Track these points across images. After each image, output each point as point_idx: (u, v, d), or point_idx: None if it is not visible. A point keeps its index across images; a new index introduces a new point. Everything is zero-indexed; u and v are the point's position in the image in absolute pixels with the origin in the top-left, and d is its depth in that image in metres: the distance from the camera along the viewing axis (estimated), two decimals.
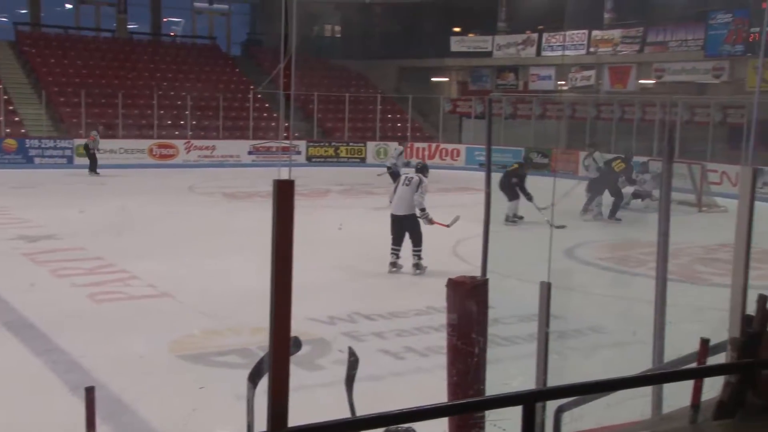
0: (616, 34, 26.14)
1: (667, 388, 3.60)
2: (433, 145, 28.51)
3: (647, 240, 4.66)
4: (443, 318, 4.04)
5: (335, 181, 22.18)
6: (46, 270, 10.35)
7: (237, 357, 6.99)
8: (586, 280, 10.28)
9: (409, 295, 9.43)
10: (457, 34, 31.38)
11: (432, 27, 30.85)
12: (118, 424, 5.60)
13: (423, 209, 10.67)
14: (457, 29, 31.50)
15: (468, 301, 3.41)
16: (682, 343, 3.68)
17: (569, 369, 5.70)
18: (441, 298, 4.11)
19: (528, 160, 15.50)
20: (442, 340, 3.98)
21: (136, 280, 9.84)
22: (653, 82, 25.13)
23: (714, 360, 2.97)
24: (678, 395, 3.16)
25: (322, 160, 27.60)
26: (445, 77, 32.87)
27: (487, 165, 4.48)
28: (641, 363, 4.10)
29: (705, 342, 2.86)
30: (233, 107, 28.53)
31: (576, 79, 27.65)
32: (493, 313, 5.19)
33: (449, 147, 28.26)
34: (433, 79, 32.71)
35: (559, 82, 28.60)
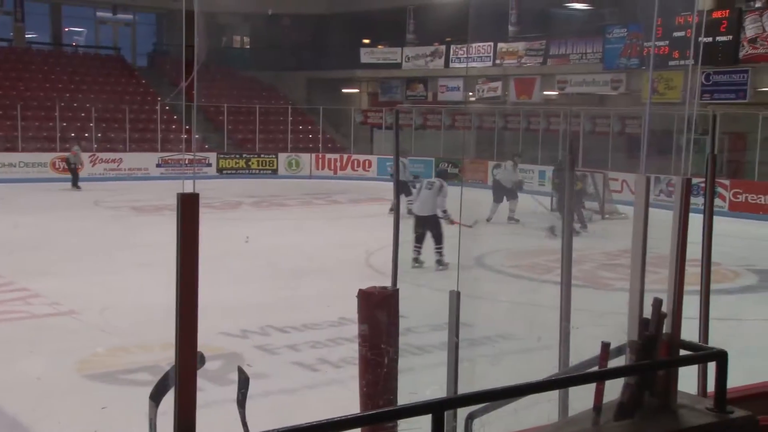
0: (521, 46, 26.85)
1: (572, 392, 3.72)
2: (345, 156, 28.59)
3: (555, 247, 4.83)
4: (356, 329, 4.06)
5: (247, 193, 21.95)
6: None
7: (146, 374, 6.81)
8: (495, 287, 10.49)
9: (321, 306, 9.41)
10: (366, 45, 31.59)
11: (341, 39, 30.96)
12: None
13: (445, 210, 11.45)
14: (366, 41, 31.72)
15: (378, 311, 3.43)
16: (585, 347, 3.81)
17: (479, 376, 5.80)
18: (354, 309, 4.13)
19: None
20: (357, 351, 4.00)
21: (37, 298, 9.47)
22: (557, 93, 25.92)
23: (615, 363, 3.08)
24: (582, 398, 3.27)
25: (234, 171, 27.25)
26: (355, 88, 33.03)
27: (395, 176, 4.53)
28: (548, 368, 4.21)
29: (606, 345, 2.96)
30: (140, 119, 27.87)
31: (483, 90, 28.25)
32: (405, 323, 5.24)
33: (361, 158, 28.38)
34: (344, 90, 32.82)
35: (468, 93, 29.15)
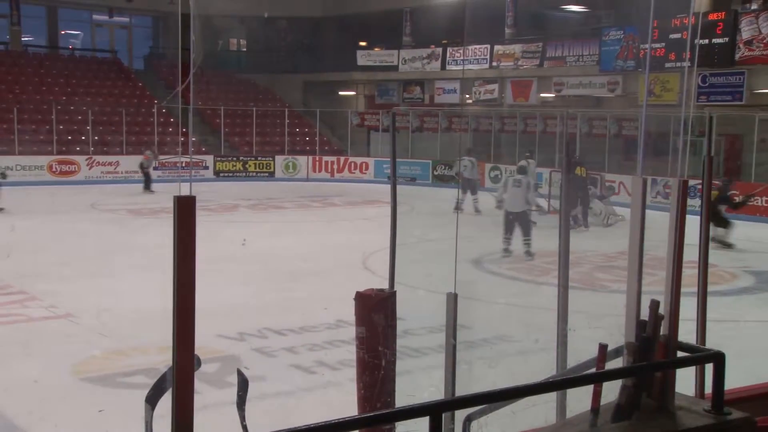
0: (517, 48, 26.88)
1: (570, 394, 3.72)
2: (342, 158, 28.59)
3: (553, 249, 4.82)
4: (354, 331, 4.06)
5: (243, 196, 21.94)
6: None
7: (143, 377, 6.80)
8: (493, 289, 10.50)
9: (318, 309, 9.40)
10: (362, 48, 31.60)
11: (337, 41, 30.98)
12: None
13: (538, 205, 13.00)
14: (362, 43, 31.74)
15: (375, 314, 3.43)
16: (583, 349, 3.81)
17: (477, 378, 5.80)
18: (351, 311, 4.14)
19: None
20: (354, 353, 4.00)
21: (34, 301, 9.46)
22: (553, 95, 25.95)
23: (612, 365, 3.09)
24: (580, 400, 3.27)
25: (230, 174, 27.25)
26: (352, 91, 33.04)
27: (392, 178, 4.53)
28: (545, 370, 4.22)
29: (603, 347, 2.96)
30: (137, 122, 27.85)
31: (480, 92, 28.27)
32: (402, 325, 5.24)
33: (358, 160, 28.39)
34: (340, 92, 32.83)
35: (465, 96, 29.17)
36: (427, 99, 30.02)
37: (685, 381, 3.10)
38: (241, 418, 2.90)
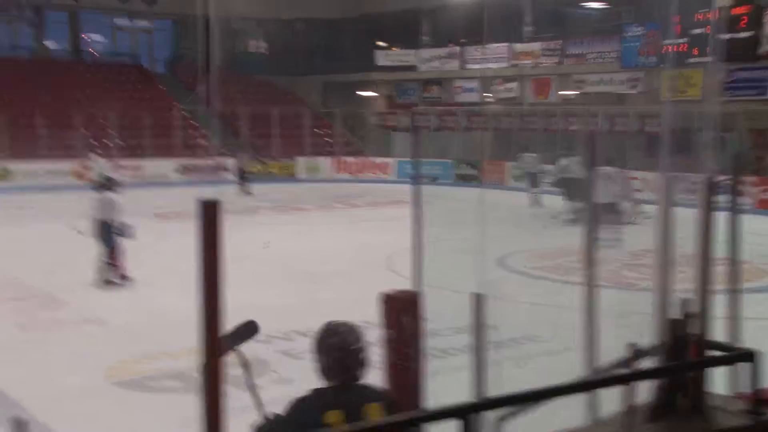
0: (536, 46, 26.75)
1: (601, 394, 3.69)
2: (363, 159, 28.60)
3: (579, 248, 4.78)
4: (379, 332, 4.06)
5: (266, 198, 22.00)
6: None
7: (175, 381, 6.85)
8: (519, 288, 10.45)
9: (343, 310, 9.37)
10: (381, 48, 31.60)
11: (355, 42, 31.01)
12: None
13: (627, 197, 14.38)
14: (381, 43, 31.74)
15: (402, 315, 3.43)
16: (612, 348, 3.78)
17: (506, 379, 5.77)
18: (375, 312, 4.14)
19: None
20: (379, 355, 4.00)
21: (66, 307, 9.56)
22: (574, 93, 25.79)
23: (643, 364, 3.06)
24: (612, 401, 3.24)
25: (253, 176, 27.32)
26: (372, 91, 33.06)
27: (415, 178, 4.53)
28: (575, 370, 4.18)
29: (633, 347, 2.94)
30: (159, 125, 28.05)
31: (499, 91, 28.17)
32: (429, 326, 5.23)
33: (379, 161, 28.39)
34: (360, 93, 32.86)
35: (484, 94, 29.07)
36: (446, 98, 29.96)
37: (718, 380, 3.07)
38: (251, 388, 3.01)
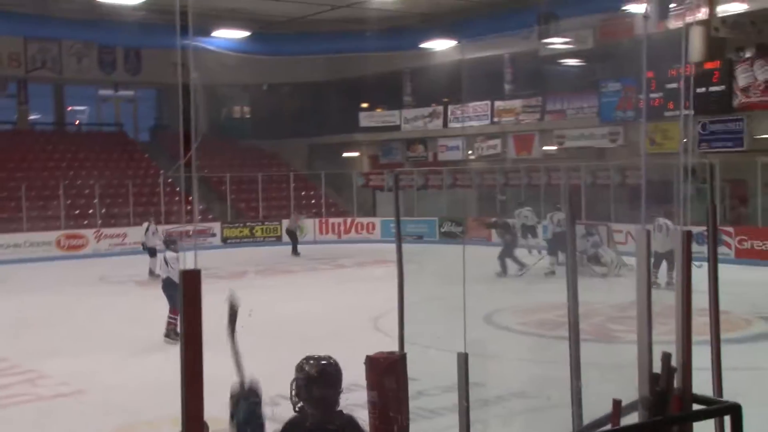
0: (517, 103, 27.18)
1: None
2: (348, 219, 28.67)
3: (564, 302, 4.79)
4: (366, 395, 4.02)
5: (252, 262, 21.94)
6: None
7: None
8: (505, 345, 10.39)
9: None
10: (364, 109, 31.99)
11: (339, 104, 31.39)
12: None
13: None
14: (364, 105, 32.15)
15: (386, 377, 3.40)
16: (598, 403, 3.76)
17: None
18: (363, 374, 4.10)
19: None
20: (365, 417, 3.95)
21: (45, 380, 9.40)
22: (556, 147, 26.12)
23: (628, 419, 3.04)
24: None
25: (238, 240, 27.33)
26: (356, 152, 33.34)
27: (397, 237, 4.56)
28: (561, 428, 4.15)
29: (617, 403, 2.93)
30: (143, 193, 28.09)
31: (483, 148, 28.48)
32: (416, 386, 5.18)
33: (364, 221, 28.46)
34: (344, 154, 33.12)
35: (468, 152, 29.37)
36: (430, 156, 30.24)
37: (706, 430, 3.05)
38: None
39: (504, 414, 7.33)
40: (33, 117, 32.47)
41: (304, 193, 30.79)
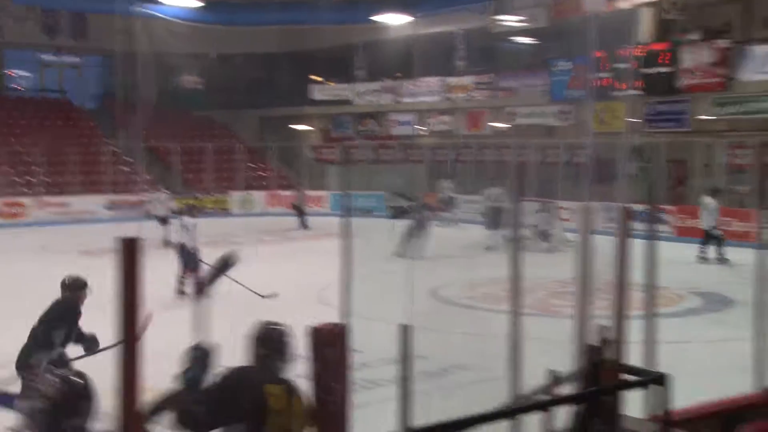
0: (469, 80, 27.26)
1: (525, 420, 3.73)
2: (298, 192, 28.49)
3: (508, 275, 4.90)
4: (306, 365, 4.03)
5: (199, 233, 21.65)
6: None
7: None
8: (450, 319, 10.52)
9: None
10: (317, 82, 31.75)
11: (291, 77, 31.09)
12: None
13: (713, 226, 16.24)
14: (316, 78, 31.89)
15: (327, 348, 3.42)
16: (538, 375, 3.84)
17: (435, 409, 5.79)
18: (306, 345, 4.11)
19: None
20: (306, 388, 3.97)
21: None
22: (507, 125, 26.32)
23: (563, 390, 3.12)
24: (535, 426, 3.29)
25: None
26: (307, 125, 33.11)
27: (345, 208, 4.56)
28: (501, 397, 4.23)
29: (553, 373, 3.00)
30: (88, 161, 27.49)
31: (434, 123, 28.55)
32: (360, 358, 5.20)
33: (314, 194, 28.34)
34: (295, 127, 32.87)
35: (419, 127, 29.41)
36: (381, 131, 30.20)
37: (637, 402, 3.14)
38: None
39: (447, 386, 7.44)
40: None
41: (254, 165, 30.50)
